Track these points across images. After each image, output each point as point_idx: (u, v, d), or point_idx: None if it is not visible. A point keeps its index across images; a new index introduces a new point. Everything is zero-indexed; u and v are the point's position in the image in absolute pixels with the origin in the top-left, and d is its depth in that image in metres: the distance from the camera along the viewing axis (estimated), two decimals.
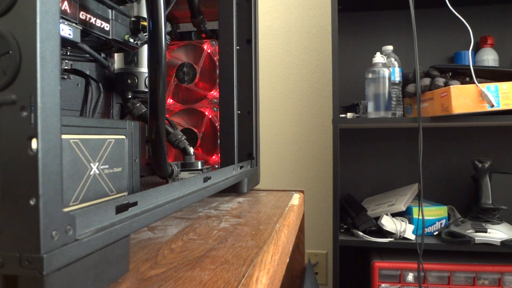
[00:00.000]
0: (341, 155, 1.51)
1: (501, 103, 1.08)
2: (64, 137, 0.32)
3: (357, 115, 1.23)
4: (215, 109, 0.83)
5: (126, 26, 0.52)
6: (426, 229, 1.24)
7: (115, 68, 0.63)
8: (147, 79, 0.52)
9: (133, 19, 0.53)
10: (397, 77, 1.30)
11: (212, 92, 0.83)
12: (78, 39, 0.42)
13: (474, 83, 1.09)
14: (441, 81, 1.16)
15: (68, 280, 0.25)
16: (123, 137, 0.43)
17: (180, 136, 0.66)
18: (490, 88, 1.08)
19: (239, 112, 0.81)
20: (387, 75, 1.23)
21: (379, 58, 1.24)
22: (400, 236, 1.19)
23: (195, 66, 0.83)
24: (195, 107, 0.84)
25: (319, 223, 1.59)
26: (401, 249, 1.25)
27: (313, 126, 1.60)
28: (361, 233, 1.22)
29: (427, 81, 1.19)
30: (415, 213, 1.22)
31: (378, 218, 1.25)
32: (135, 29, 0.53)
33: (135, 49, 0.56)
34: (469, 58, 1.18)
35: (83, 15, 0.44)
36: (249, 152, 0.83)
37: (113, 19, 0.49)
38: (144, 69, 0.63)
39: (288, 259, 0.52)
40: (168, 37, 0.68)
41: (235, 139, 0.77)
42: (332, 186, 1.39)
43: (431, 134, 1.48)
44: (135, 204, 0.33)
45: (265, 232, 0.50)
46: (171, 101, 0.85)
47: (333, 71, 1.20)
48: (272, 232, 0.50)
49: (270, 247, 0.44)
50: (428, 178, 1.47)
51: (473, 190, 1.33)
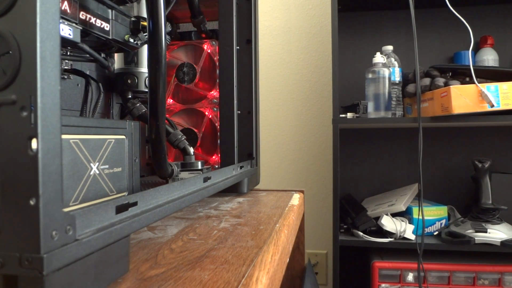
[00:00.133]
0: (341, 155, 1.51)
1: (501, 103, 1.08)
2: (64, 137, 0.32)
3: (357, 115, 1.23)
4: (215, 109, 0.83)
5: (126, 26, 0.52)
6: (426, 229, 1.24)
7: (115, 68, 0.63)
8: (147, 79, 0.52)
9: (133, 19, 0.53)
10: (397, 77, 1.30)
11: (212, 92, 0.83)
12: (78, 39, 0.42)
13: (474, 83, 1.09)
14: (441, 81, 1.16)
15: (68, 280, 0.25)
16: (123, 137, 0.43)
17: (180, 136, 0.66)
18: (490, 88, 1.08)
19: (239, 112, 0.81)
20: (387, 75, 1.23)
21: (379, 58, 1.24)
22: (400, 236, 1.19)
23: (195, 66, 0.83)
24: (195, 107, 0.84)
25: (319, 223, 1.59)
26: (401, 249, 1.25)
27: (313, 126, 1.60)
28: (361, 233, 1.22)
29: (427, 81, 1.19)
30: (415, 213, 1.22)
31: (378, 218, 1.25)
32: (135, 29, 0.53)
33: (135, 49, 0.56)
34: (469, 58, 1.18)
35: (83, 15, 0.44)
36: (249, 152, 0.83)
37: (113, 19, 0.49)
38: (144, 69, 0.63)
39: (288, 259, 0.52)
40: (168, 37, 0.68)
41: (235, 139, 0.77)
42: (332, 186, 1.39)
43: (431, 134, 1.48)
44: (135, 204, 0.33)
45: (265, 232, 0.50)
46: (171, 101, 0.85)
47: (333, 71, 1.20)
48: (272, 232, 0.50)
49: (270, 247, 0.44)
50: (428, 178, 1.47)
51: (473, 190, 1.33)
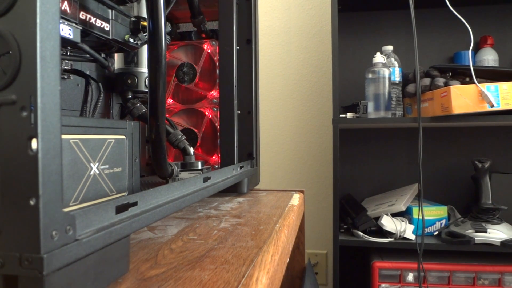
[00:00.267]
0: (341, 155, 1.51)
1: (501, 103, 1.08)
2: (64, 137, 0.32)
3: (357, 115, 1.23)
4: (215, 109, 0.83)
5: (126, 26, 0.52)
6: (426, 229, 1.23)
7: (115, 68, 0.63)
8: (147, 79, 0.52)
9: (133, 19, 0.53)
10: (397, 77, 1.30)
11: (212, 92, 0.83)
12: (78, 39, 0.42)
13: (474, 83, 1.09)
14: (441, 81, 1.16)
15: (68, 280, 0.25)
16: (123, 137, 0.43)
17: (180, 136, 0.66)
18: (490, 88, 1.08)
19: (239, 112, 0.81)
20: (387, 75, 1.23)
21: (379, 58, 1.24)
22: (400, 236, 1.19)
23: (195, 66, 0.83)
24: (195, 107, 0.84)
25: (319, 223, 1.59)
26: (401, 249, 1.25)
27: (313, 126, 1.60)
28: (361, 233, 1.22)
29: (427, 81, 1.19)
30: (415, 213, 1.22)
31: (378, 218, 1.24)
32: (135, 29, 0.53)
33: (135, 49, 0.56)
34: (469, 58, 1.18)
35: (83, 15, 0.44)
36: (249, 152, 0.83)
37: (113, 19, 0.49)
38: (144, 69, 0.63)
39: (288, 259, 0.52)
40: (168, 37, 0.68)
41: (235, 139, 0.77)
42: (332, 186, 1.39)
43: (431, 134, 1.48)
44: (135, 204, 0.33)
45: (265, 232, 0.50)
46: (171, 101, 0.85)
47: (333, 71, 1.20)
48: (272, 232, 0.50)
49: (270, 247, 0.44)
50: (428, 178, 1.47)
51: (473, 190, 1.33)
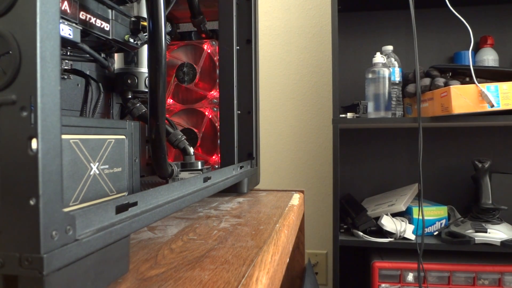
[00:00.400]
0: (341, 155, 1.51)
1: (501, 103, 1.08)
2: (64, 137, 0.32)
3: (357, 115, 1.23)
4: (215, 109, 0.83)
5: (126, 26, 0.52)
6: (426, 229, 1.23)
7: (115, 68, 0.63)
8: (147, 79, 0.52)
9: (133, 19, 0.53)
10: (397, 77, 1.30)
11: (212, 92, 0.83)
12: (78, 39, 0.42)
13: (474, 83, 1.09)
14: (441, 81, 1.16)
15: (68, 280, 0.25)
16: (123, 137, 0.43)
17: (180, 136, 0.66)
18: (490, 88, 1.08)
19: (239, 112, 0.81)
20: (387, 75, 1.23)
21: (379, 58, 1.24)
22: (400, 236, 1.19)
23: (195, 66, 0.83)
24: (195, 107, 0.84)
25: (319, 223, 1.59)
26: (401, 249, 1.25)
27: (313, 126, 1.60)
28: (361, 233, 1.22)
29: (427, 81, 1.19)
30: (415, 213, 1.22)
31: (378, 218, 1.24)
32: (135, 29, 0.53)
33: (135, 49, 0.56)
34: (469, 58, 1.18)
35: (83, 15, 0.44)
36: (249, 152, 0.83)
37: (113, 19, 0.49)
38: (144, 69, 0.63)
39: (288, 259, 0.52)
40: (168, 37, 0.68)
41: (235, 139, 0.77)
42: (332, 186, 1.39)
43: (431, 134, 1.48)
44: (135, 204, 0.33)
45: (265, 232, 0.50)
46: (171, 101, 0.85)
47: (333, 71, 1.20)
48: (272, 232, 0.50)
49: (270, 247, 0.44)
50: (428, 178, 1.47)
51: (473, 190, 1.33)
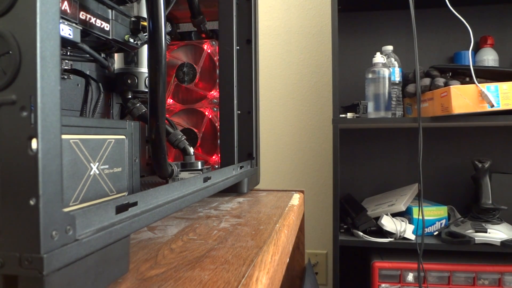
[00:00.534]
0: (341, 155, 1.51)
1: (501, 103, 1.08)
2: (64, 137, 0.32)
3: (357, 115, 1.23)
4: (215, 109, 0.83)
5: (126, 26, 0.52)
6: (426, 229, 1.23)
7: (115, 68, 0.63)
8: (147, 79, 0.52)
9: (133, 19, 0.53)
10: (397, 77, 1.30)
11: (212, 92, 0.83)
12: (78, 39, 0.42)
13: (474, 83, 1.09)
14: (441, 81, 1.16)
15: (68, 280, 0.25)
16: (123, 137, 0.43)
17: (180, 136, 0.66)
18: (490, 88, 1.08)
19: (239, 112, 0.81)
20: (387, 75, 1.23)
21: (379, 58, 1.24)
22: (400, 236, 1.19)
23: (195, 66, 0.83)
24: (195, 107, 0.84)
25: (319, 223, 1.59)
26: (401, 249, 1.25)
27: (313, 126, 1.60)
28: (361, 233, 1.22)
29: (427, 81, 1.19)
30: (415, 213, 1.22)
31: (378, 218, 1.24)
32: (135, 29, 0.53)
33: (135, 49, 0.56)
34: (469, 58, 1.18)
35: (83, 15, 0.44)
36: (249, 152, 0.83)
37: (113, 19, 0.49)
38: (144, 69, 0.63)
39: (288, 259, 0.52)
40: (168, 37, 0.68)
41: (235, 139, 0.77)
42: (332, 186, 1.39)
43: (431, 134, 1.48)
44: (135, 204, 0.33)
45: (265, 232, 0.50)
46: (171, 101, 0.85)
47: (333, 71, 1.20)
48: (272, 232, 0.50)
49: (270, 247, 0.44)
50: (428, 178, 1.47)
51: (473, 190, 1.33)
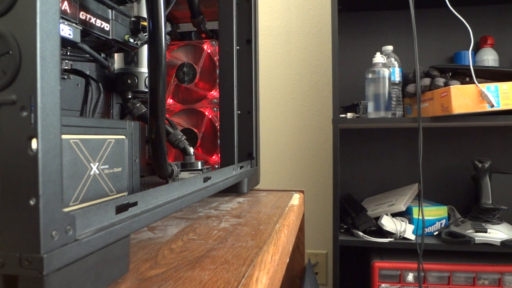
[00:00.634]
0: (341, 155, 1.51)
1: (501, 103, 1.08)
2: (64, 137, 0.32)
3: (357, 115, 1.23)
4: (215, 109, 0.83)
5: (126, 26, 0.52)
6: (426, 229, 1.23)
7: (115, 68, 0.63)
8: (147, 79, 0.52)
9: (133, 19, 0.53)
10: (397, 77, 1.30)
11: (212, 92, 0.83)
12: (78, 39, 0.42)
13: (474, 83, 1.09)
14: (441, 81, 1.16)
15: (68, 280, 0.25)
16: (123, 137, 0.43)
17: (180, 136, 0.66)
18: (490, 88, 1.08)
19: (239, 112, 0.81)
20: (387, 75, 1.23)
21: (379, 58, 1.24)
22: (400, 236, 1.19)
23: (195, 66, 0.83)
24: (195, 107, 0.84)
25: (319, 223, 1.59)
26: (401, 249, 1.25)
27: (313, 126, 1.60)
28: (361, 233, 1.22)
29: (427, 81, 1.19)
30: (415, 213, 1.22)
31: (378, 218, 1.24)
32: (135, 29, 0.53)
33: (135, 49, 0.56)
34: (469, 58, 1.18)
35: (83, 15, 0.44)
36: (249, 152, 0.83)
37: (113, 19, 0.49)
38: (144, 69, 0.63)
39: (288, 259, 0.52)
40: (168, 37, 0.68)
41: (235, 139, 0.77)
42: (332, 186, 1.39)
43: (431, 134, 1.48)
44: (135, 204, 0.33)
45: (265, 232, 0.50)
46: (171, 101, 0.85)
47: (333, 71, 1.20)
48: (272, 232, 0.50)
49: (270, 247, 0.44)
50: (428, 178, 1.47)
51: (473, 190, 1.33)
